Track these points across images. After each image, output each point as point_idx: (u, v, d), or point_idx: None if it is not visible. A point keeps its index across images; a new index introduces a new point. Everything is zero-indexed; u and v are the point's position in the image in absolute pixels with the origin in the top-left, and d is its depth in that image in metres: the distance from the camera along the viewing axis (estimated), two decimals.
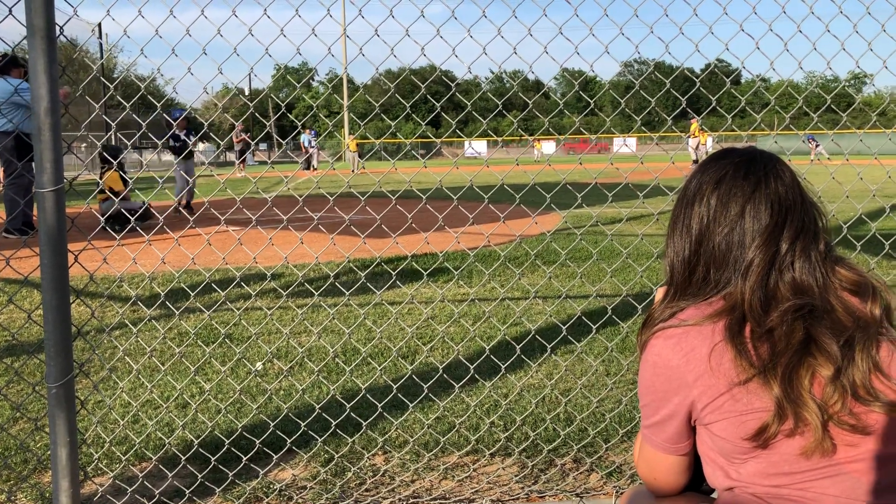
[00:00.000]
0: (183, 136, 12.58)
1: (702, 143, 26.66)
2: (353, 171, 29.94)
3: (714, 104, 2.47)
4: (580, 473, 2.86)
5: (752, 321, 1.26)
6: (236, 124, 19.42)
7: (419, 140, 53.35)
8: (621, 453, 3.00)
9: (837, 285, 1.31)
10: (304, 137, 31.16)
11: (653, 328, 1.36)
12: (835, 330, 1.25)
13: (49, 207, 2.18)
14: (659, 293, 1.52)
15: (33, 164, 2.18)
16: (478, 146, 53.08)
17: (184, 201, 12.57)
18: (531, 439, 3.07)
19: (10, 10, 2.26)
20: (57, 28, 2.16)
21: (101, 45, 29.81)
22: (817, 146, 30.72)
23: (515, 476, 2.82)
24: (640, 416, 1.43)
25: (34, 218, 9.51)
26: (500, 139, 3.29)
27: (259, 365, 4.08)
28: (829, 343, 1.23)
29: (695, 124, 26.24)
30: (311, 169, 28.33)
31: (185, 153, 12.49)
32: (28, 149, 2.16)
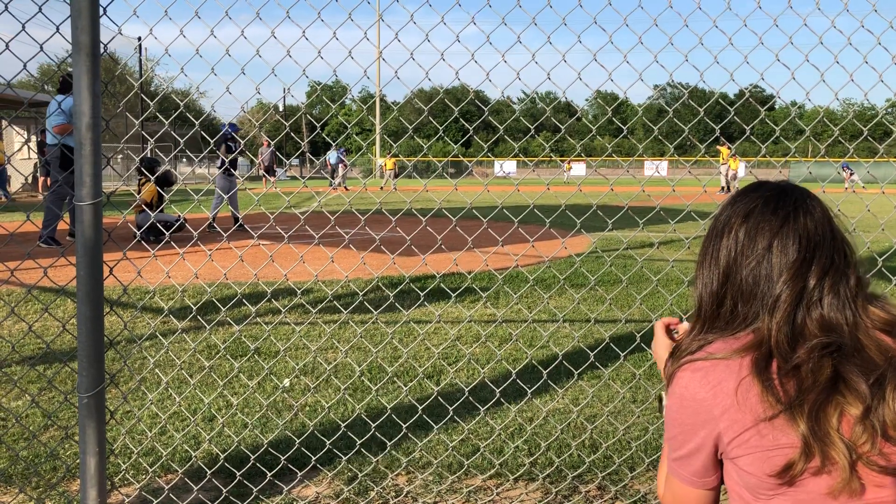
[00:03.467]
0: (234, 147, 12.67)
1: (731, 168, 26.36)
2: (381, 188, 30.06)
3: (748, 133, 2.45)
4: (604, 501, 2.83)
5: (779, 358, 1.25)
6: (266, 140, 19.62)
7: (451, 159, 53.56)
8: (647, 482, 2.97)
9: (869, 324, 1.29)
10: (331, 155, 31.04)
11: (680, 360, 1.34)
12: (864, 368, 1.23)
13: (87, 220, 2.22)
14: (685, 326, 1.52)
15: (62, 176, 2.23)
16: (508, 166, 53.15)
17: (238, 215, 12.57)
18: (555, 465, 3.04)
19: (58, 28, 2.33)
20: (101, 45, 2.21)
21: (140, 61, 30.43)
22: (852, 174, 30.31)
23: (539, 502, 2.80)
24: (667, 447, 1.42)
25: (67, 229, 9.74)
26: (530, 161, 3.31)
27: (286, 381, 4.11)
28: (857, 381, 1.20)
29: (725, 150, 25.98)
30: (342, 188, 28.38)
31: (227, 169, 12.54)
32: (70, 161, 2.22)
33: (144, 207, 10.35)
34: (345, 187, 29.08)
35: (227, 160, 12.31)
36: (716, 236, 1.40)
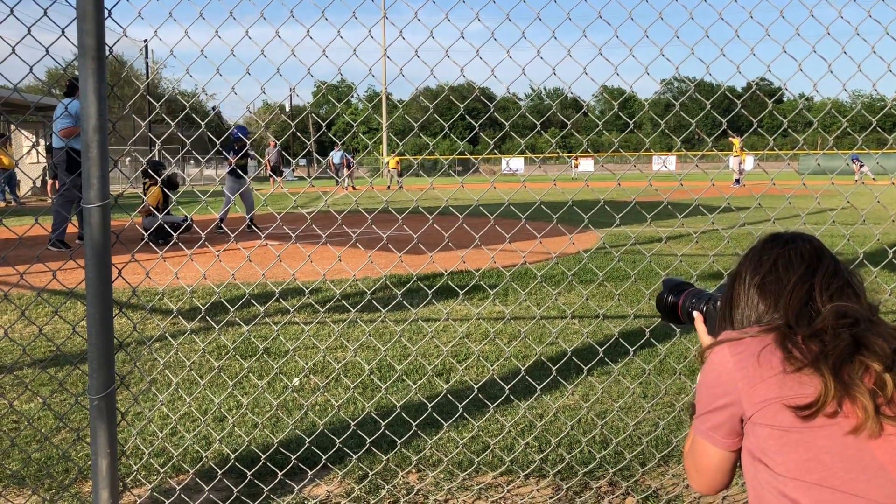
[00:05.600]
0: (249, 153, 12.63)
1: (741, 161, 26.25)
2: (388, 187, 30.03)
3: (756, 126, 2.44)
4: (616, 497, 2.82)
5: (801, 333, 1.38)
6: (273, 140, 19.63)
7: (457, 157, 53.63)
8: (658, 477, 2.96)
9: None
10: (334, 155, 30.84)
11: (720, 340, 1.48)
12: (884, 337, 1.34)
13: (95, 223, 2.23)
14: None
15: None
16: (515, 163, 53.03)
17: (248, 216, 12.49)
18: (566, 461, 3.04)
19: (63, 31, 2.34)
20: (106, 48, 2.22)
21: (146, 63, 30.51)
22: (862, 166, 30.12)
23: (550, 498, 2.80)
24: (693, 418, 1.54)
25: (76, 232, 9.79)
26: (537, 157, 3.30)
27: (296, 380, 4.11)
28: (881, 344, 1.31)
29: (736, 141, 25.88)
30: (350, 187, 28.34)
31: (237, 171, 12.49)
32: (77, 164, 2.22)
33: (152, 210, 10.39)
34: (353, 186, 29.03)
35: (233, 162, 12.30)
36: (730, 285, 1.59)
